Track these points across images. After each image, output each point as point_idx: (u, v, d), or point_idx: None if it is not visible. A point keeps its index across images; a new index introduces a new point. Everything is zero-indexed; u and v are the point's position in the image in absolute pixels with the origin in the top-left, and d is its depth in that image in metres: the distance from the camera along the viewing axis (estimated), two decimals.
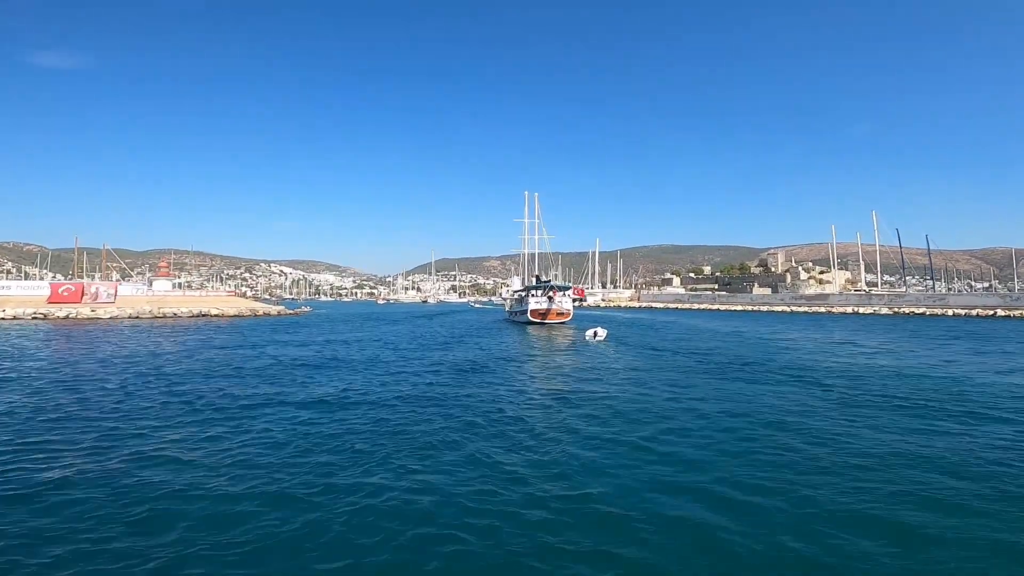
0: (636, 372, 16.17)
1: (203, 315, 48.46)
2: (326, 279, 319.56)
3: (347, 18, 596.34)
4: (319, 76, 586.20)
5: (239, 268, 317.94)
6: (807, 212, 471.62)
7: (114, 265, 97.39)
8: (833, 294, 79.77)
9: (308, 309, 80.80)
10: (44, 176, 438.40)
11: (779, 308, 76.39)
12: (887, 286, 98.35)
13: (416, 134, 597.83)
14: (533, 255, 59.11)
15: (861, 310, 66.75)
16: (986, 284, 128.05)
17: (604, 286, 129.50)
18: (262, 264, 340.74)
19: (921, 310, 61.57)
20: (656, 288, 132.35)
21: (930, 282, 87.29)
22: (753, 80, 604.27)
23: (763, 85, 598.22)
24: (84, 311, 44.49)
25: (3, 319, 39.47)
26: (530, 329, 36.79)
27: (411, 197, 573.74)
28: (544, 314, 39.93)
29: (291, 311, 61.61)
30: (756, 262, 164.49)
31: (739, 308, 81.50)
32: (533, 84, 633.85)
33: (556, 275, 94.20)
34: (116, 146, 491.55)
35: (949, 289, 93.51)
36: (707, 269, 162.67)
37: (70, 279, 58.44)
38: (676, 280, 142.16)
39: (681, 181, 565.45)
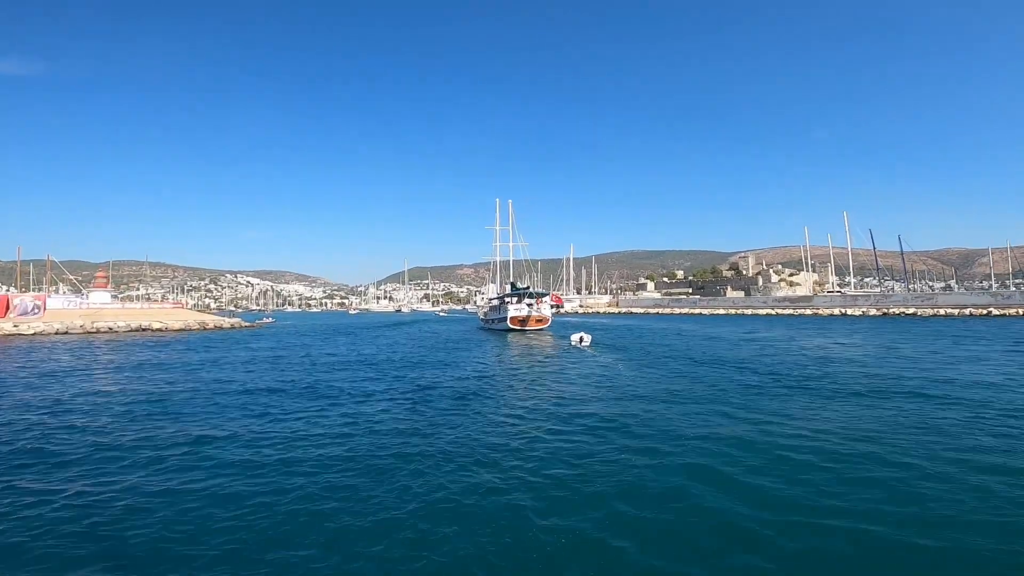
0: (683, 391, 12.78)
1: (143, 329, 43.50)
2: (295, 290, 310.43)
3: (314, 21, 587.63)
4: (288, 80, 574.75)
5: (204, 279, 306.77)
6: (771, 217, 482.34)
7: (63, 277, 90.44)
8: (818, 295, 78.57)
9: (271, 320, 75.86)
10: None
11: (762, 311, 74.70)
12: (861, 287, 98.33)
13: (388, 141, 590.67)
14: (507, 262, 56.97)
15: (848, 311, 65.25)
16: (943, 284, 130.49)
17: (579, 292, 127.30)
18: (228, 275, 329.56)
19: (911, 310, 60.18)
20: (632, 293, 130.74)
21: (911, 284, 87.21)
22: (717, 86, 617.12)
23: (727, 90, 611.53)
24: (6, 326, 39.13)
25: None
26: (510, 337, 35.03)
27: (383, 205, 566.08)
28: (524, 321, 38.69)
29: (248, 324, 56.76)
30: (727, 266, 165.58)
31: (721, 312, 79.63)
32: (504, 90, 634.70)
33: (537, 281, 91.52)
34: (71, 154, 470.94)
35: (922, 289, 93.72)
36: (680, 273, 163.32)
37: (7, 292, 52.59)
38: (651, 285, 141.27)
39: (649, 186, 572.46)
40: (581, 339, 27.15)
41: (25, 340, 34.49)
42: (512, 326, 38.57)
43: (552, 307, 48.18)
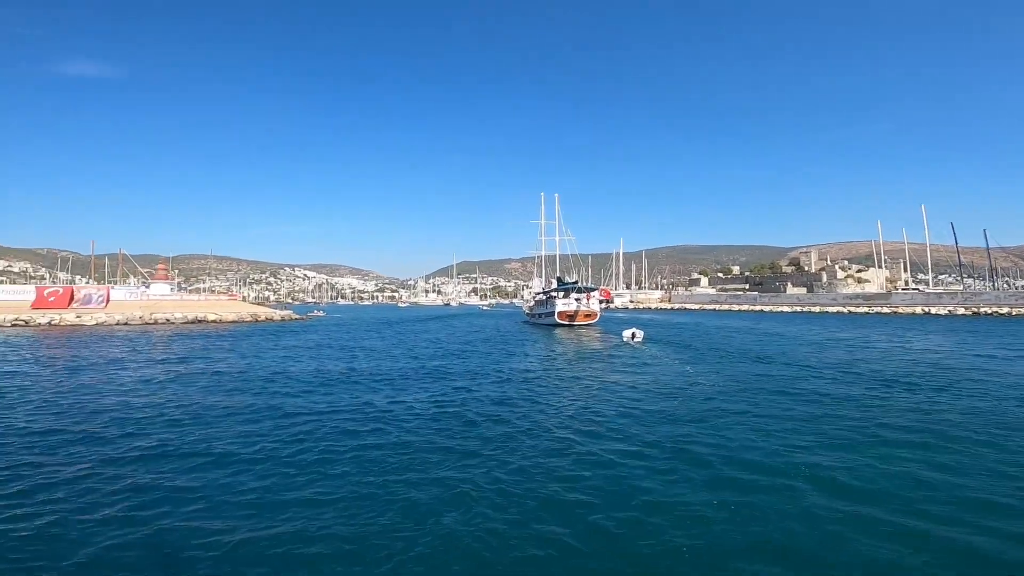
0: (791, 408, 10.65)
1: (199, 321, 44.36)
2: (348, 283, 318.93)
3: (364, 21, 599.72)
4: (340, 81, 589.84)
5: (265, 273, 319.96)
6: (832, 212, 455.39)
7: (134, 270, 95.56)
8: (895, 293, 72.20)
9: (321, 314, 76.85)
10: (83, 183, 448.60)
11: (832, 309, 69.30)
12: (939, 285, 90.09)
13: (438, 137, 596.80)
14: (553, 256, 56.16)
15: (932, 310, 59.33)
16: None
17: (629, 287, 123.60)
18: (286, 268, 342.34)
19: (1004, 310, 53.93)
20: (684, 289, 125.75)
21: (995, 281, 78.87)
22: (772, 77, 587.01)
23: (782, 85, 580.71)
24: (69, 317, 40.69)
25: None
26: (557, 332, 34.18)
27: (433, 201, 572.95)
28: (572, 316, 38.14)
29: (299, 316, 57.38)
30: (786, 261, 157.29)
31: (785, 309, 74.51)
32: (554, 86, 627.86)
33: (585, 276, 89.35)
34: (146, 153, 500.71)
35: (1007, 287, 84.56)
36: (736, 269, 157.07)
37: (87, 283, 55.41)
38: (704, 281, 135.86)
39: (701, 180, 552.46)
40: (633, 335, 26.58)
41: (88, 330, 35.53)
42: (560, 321, 37.96)
43: (601, 302, 47.61)
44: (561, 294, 40.40)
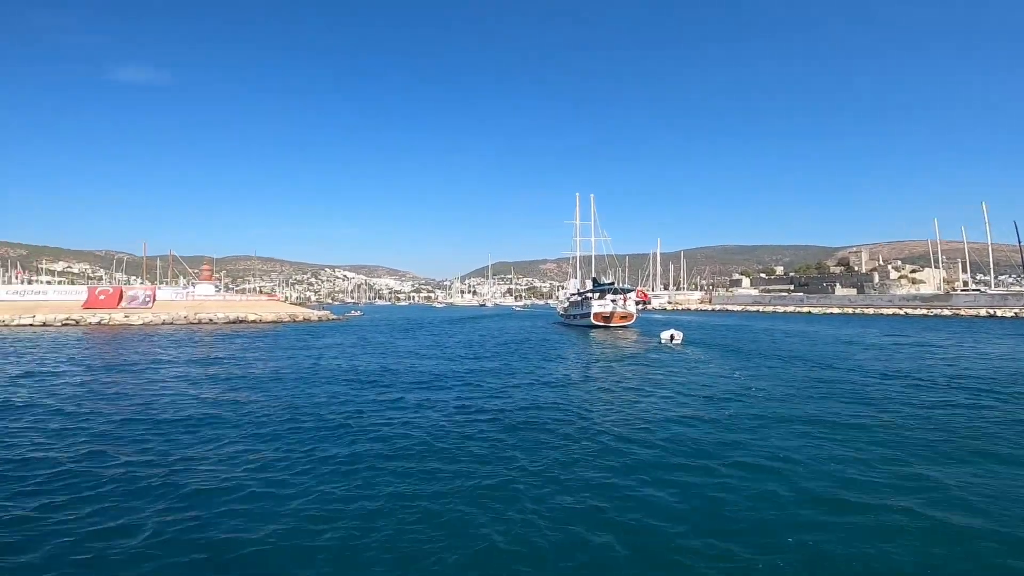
0: (873, 423, 9.57)
1: (240, 321, 45.27)
2: (386, 283, 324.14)
3: (398, 21, 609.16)
4: (377, 83, 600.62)
5: (306, 273, 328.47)
6: (882, 210, 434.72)
7: (183, 271, 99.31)
8: (956, 294, 67.67)
9: (358, 314, 77.78)
10: (137, 187, 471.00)
11: (886, 311, 65.49)
12: (999, 286, 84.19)
13: (473, 138, 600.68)
14: (588, 257, 55.70)
15: (997, 312, 55.25)
16: None
17: (666, 288, 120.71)
18: (327, 269, 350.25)
19: None
20: (724, 290, 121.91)
21: None
22: (807, 77, 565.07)
23: (815, 82, 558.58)
24: (118, 316, 42.17)
25: (31, 326, 37.41)
26: (593, 334, 33.80)
27: (469, 201, 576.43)
28: (608, 317, 37.59)
29: (336, 316, 58.06)
30: (834, 261, 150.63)
31: (835, 311, 70.92)
32: (587, 85, 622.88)
33: (621, 277, 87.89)
34: (193, 155, 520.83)
35: None
36: (779, 269, 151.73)
37: (140, 283, 57.71)
38: (746, 281, 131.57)
39: (741, 178, 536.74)
40: (672, 337, 26.16)
41: (135, 330, 36.64)
42: (595, 322, 37.53)
43: (637, 303, 46.73)
44: (596, 295, 39.81)
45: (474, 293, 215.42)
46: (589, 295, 41.66)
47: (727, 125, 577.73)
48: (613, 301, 38.05)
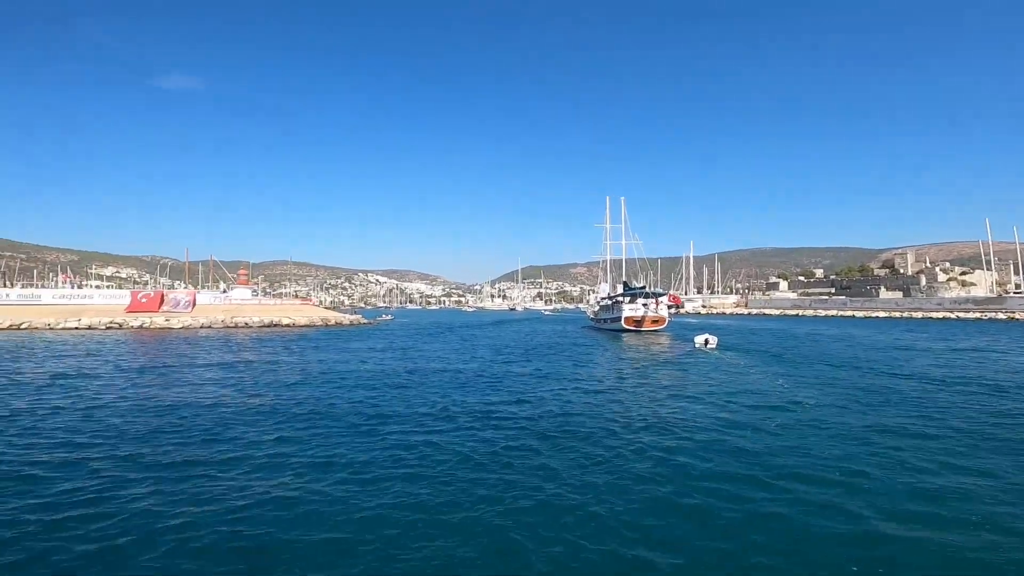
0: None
1: (274, 324, 46.09)
2: (417, 288, 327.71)
3: (444, 24, 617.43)
4: (411, 84, 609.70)
5: (340, 278, 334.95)
6: (927, 212, 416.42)
7: (223, 275, 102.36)
8: (1011, 296, 63.97)
9: (389, 318, 78.54)
10: (177, 193, 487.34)
11: (936, 314, 62.31)
12: None
13: (502, 140, 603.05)
14: (619, 261, 55.61)
15: None
16: None
17: (700, 292, 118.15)
18: (360, 274, 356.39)
19: None
20: (761, 293, 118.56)
21: None
22: (843, 76, 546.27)
23: (851, 81, 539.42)
24: (159, 320, 43.45)
25: (77, 328, 38.83)
26: (624, 338, 33.74)
27: (499, 205, 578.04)
28: (639, 321, 37.32)
29: (367, 320, 58.65)
30: (878, 263, 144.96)
31: (881, 315, 67.84)
32: (615, 86, 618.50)
33: (653, 280, 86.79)
34: (229, 162, 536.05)
35: None
36: (819, 272, 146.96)
37: (184, 287, 59.61)
38: (783, 284, 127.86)
39: (776, 180, 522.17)
40: (707, 341, 25.37)
41: (175, 333, 37.62)
42: (627, 326, 37.11)
43: (670, 307, 45.99)
44: (627, 299, 39.59)
45: (504, 297, 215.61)
46: (620, 299, 41.56)
47: (762, 125, 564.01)
48: (644, 305, 37.97)
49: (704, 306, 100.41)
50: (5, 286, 59.54)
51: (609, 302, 46.22)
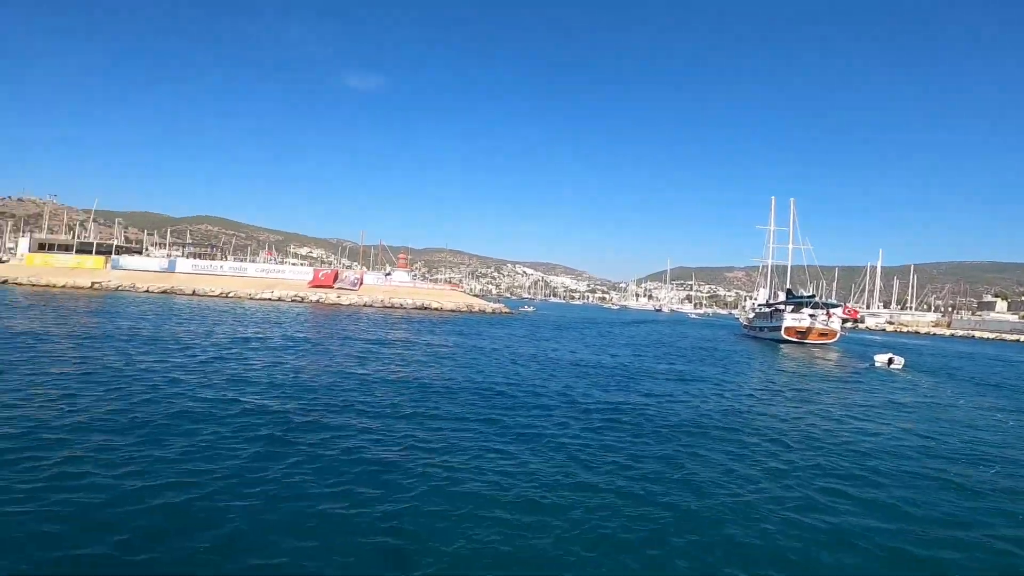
0: None
1: (425, 308, 49.51)
2: (562, 282, 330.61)
3: (608, 25, 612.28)
4: (551, 81, 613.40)
5: (490, 267, 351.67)
6: None
7: (389, 259, 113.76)
8: None
9: (531, 309, 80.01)
10: (356, 183, 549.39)
11: None
12: None
13: (657, 139, 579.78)
14: (783, 267, 51.33)
15: None
16: None
17: (886, 306, 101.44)
18: (508, 264, 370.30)
19: None
20: (970, 313, 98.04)
21: None
22: None
23: None
24: (331, 296, 49.28)
25: (269, 300, 45.61)
26: (783, 349, 31.25)
27: (652, 201, 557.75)
28: (804, 333, 34.32)
29: (508, 310, 60.37)
30: None
31: None
32: (785, 77, 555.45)
33: (826, 290, 77.41)
34: (400, 156, 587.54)
35: None
36: None
37: (360, 268, 67.78)
38: (1001, 304, 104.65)
39: (989, 180, 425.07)
40: (890, 360, 22.56)
41: (343, 309, 42.34)
42: (787, 337, 34.64)
43: (844, 321, 41.74)
44: (790, 307, 37.03)
45: (649, 297, 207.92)
46: (781, 307, 38.64)
47: (984, 108, 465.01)
48: (812, 316, 34.67)
49: (891, 322, 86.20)
50: (223, 259, 72.30)
51: (767, 310, 43.05)
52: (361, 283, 55.03)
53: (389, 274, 63.39)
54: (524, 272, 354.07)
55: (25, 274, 48.00)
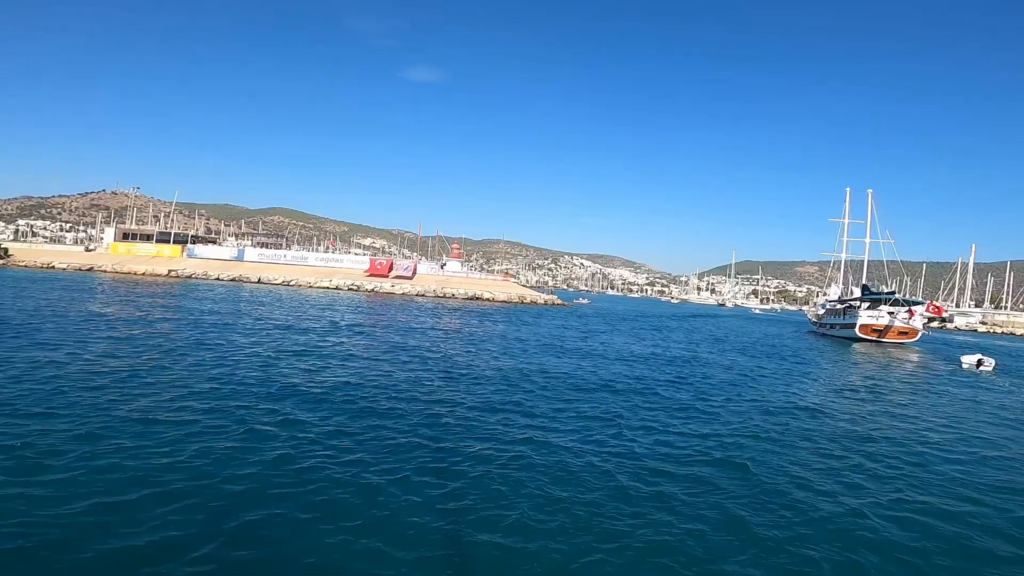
0: None
1: (476, 298, 49.62)
2: (620, 274, 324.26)
3: (661, 18, 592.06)
4: (613, 73, 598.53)
5: (547, 259, 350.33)
6: None
7: (447, 250, 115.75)
8: None
9: (586, 301, 78.63)
10: (417, 175, 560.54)
11: None
12: None
13: (717, 131, 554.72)
14: (860, 262, 48.21)
15: None
16: None
17: (979, 305, 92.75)
18: (566, 256, 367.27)
19: None
20: None
21: None
22: None
23: None
24: (386, 286, 50.36)
25: (327, 288, 47.12)
26: (856, 347, 29.82)
27: (712, 194, 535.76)
28: (881, 331, 32.66)
29: (561, 302, 59.55)
30: None
31: None
32: (861, 66, 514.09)
33: (910, 287, 71.84)
34: (462, 148, 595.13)
35: None
36: None
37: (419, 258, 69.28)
38: None
39: None
40: (980, 362, 21.46)
41: (397, 298, 43.11)
42: (861, 334, 33.06)
43: (928, 319, 38.52)
44: (866, 304, 35.07)
45: (712, 291, 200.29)
46: (855, 303, 36.58)
47: None
48: (891, 313, 32.59)
49: (983, 323, 78.56)
50: (288, 248, 75.61)
51: (840, 306, 40.51)
52: (415, 273, 55.90)
53: (444, 264, 64.01)
54: (582, 264, 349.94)
55: (110, 262, 52.04)
